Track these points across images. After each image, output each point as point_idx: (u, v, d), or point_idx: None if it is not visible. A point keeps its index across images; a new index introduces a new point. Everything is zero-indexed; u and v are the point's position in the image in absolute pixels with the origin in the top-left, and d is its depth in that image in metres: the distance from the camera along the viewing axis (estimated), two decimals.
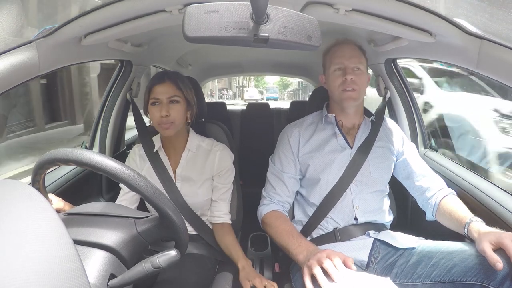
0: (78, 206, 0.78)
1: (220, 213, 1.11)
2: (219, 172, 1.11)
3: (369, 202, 1.04)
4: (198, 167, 1.10)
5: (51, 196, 0.80)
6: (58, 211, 0.80)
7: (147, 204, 0.64)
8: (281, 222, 1.01)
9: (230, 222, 1.13)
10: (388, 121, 1.19)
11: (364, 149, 1.06)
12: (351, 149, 1.07)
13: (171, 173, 1.09)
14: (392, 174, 1.13)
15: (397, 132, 1.16)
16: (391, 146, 1.11)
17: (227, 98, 23.79)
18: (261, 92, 26.96)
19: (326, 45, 1.12)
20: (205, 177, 1.10)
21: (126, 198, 1.08)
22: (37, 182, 0.71)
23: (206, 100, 1.70)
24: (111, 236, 0.61)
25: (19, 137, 5.10)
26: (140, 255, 0.66)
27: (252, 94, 23.64)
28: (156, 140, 1.13)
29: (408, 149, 1.13)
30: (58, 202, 0.86)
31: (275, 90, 26.45)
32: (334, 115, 1.09)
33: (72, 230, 0.61)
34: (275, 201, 1.08)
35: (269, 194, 1.09)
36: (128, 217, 0.66)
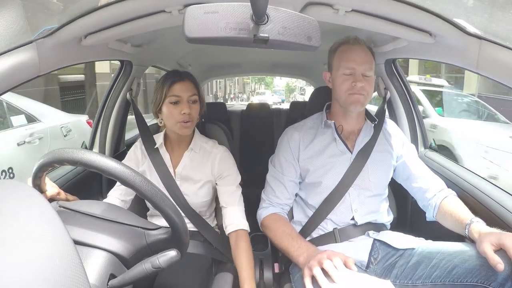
0: (80, 201, 0.77)
1: (231, 220, 1.04)
2: (221, 175, 1.10)
3: (367, 205, 1.03)
4: (199, 168, 1.10)
5: (46, 180, 0.77)
6: (52, 198, 0.80)
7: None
8: (280, 224, 1.01)
9: (244, 228, 1.03)
10: (389, 123, 1.18)
11: (363, 153, 1.05)
12: (351, 153, 1.06)
13: (171, 171, 1.09)
14: (392, 176, 1.13)
15: (397, 135, 1.15)
16: (391, 150, 1.10)
17: (241, 100, 25.28)
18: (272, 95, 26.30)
19: (327, 45, 1.11)
20: (206, 179, 1.10)
21: (122, 189, 1.08)
22: (38, 180, 0.71)
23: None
24: (120, 245, 0.61)
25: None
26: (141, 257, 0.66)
27: (263, 97, 20.90)
28: (157, 138, 1.13)
29: (407, 151, 1.13)
30: (53, 189, 0.82)
31: (281, 93, 26.74)
32: (333, 121, 1.08)
33: (78, 230, 0.60)
34: (274, 204, 1.08)
35: (269, 197, 1.09)
36: (138, 227, 0.66)
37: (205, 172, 1.10)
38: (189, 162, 1.10)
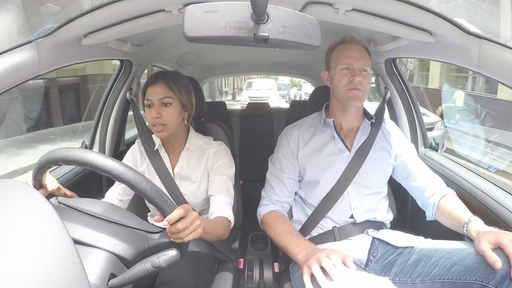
0: (81, 199, 0.77)
1: (215, 207, 1.00)
2: (213, 166, 1.09)
3: (366, 203, 1.04)
4: (196, 167, 1.10)
5: (46, 174, 0.76)
6: (51, 193, 0.80)
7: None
8: (280, 222, 1.01)
9: (226, 216, 0.98)
10: (388, 123, 1.18)
11: (362, 152, 1.05)
12: (349, 152, 1.06)
13: (171, 172, 1.09)
14: (392, 175, 1.13)
15: (396, 134, 1.16)
16: (390, 149, 1.11)
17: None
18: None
19: (327, 44, 1.11)
20: (202, 176, 1.10)
21: (120, 188, 1.08)
22: (39, 178, 0.71)
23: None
24: (123, 247, 0.61)
25: None
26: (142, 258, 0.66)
27: (258, 92, 13.04)
28: (157, 138, 1.13)
29: (407, 150, 1.13)
30: (52, 183, 0.80)
31: (287, 87, 26.47)
32: (332, 119, 1.08)
33: (80, 229, 0.61)
34: (274, 201, 1.08)
35: (268, 194, 1.09)
36: (141, 230, 0.66)
37: (201, 170, 1.10)
38: (186, 162, 1.10)
